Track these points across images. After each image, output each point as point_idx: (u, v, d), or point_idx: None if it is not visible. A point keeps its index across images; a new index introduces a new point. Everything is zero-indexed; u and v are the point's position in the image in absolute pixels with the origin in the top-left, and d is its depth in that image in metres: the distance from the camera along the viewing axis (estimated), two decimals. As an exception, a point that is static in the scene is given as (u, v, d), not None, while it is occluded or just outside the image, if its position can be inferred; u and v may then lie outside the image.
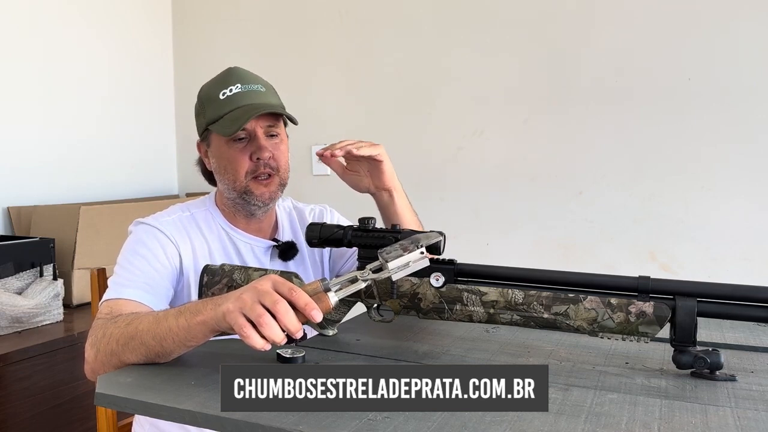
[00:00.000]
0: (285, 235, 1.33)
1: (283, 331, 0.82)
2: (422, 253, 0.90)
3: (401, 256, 0.88)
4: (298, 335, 0.83)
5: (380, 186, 1.26)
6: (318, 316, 0.83)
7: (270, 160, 1.22)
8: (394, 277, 0.89)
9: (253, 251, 1.28)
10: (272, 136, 1.24)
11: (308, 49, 2.48)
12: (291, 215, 1.38)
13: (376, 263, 0.90)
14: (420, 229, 1.11)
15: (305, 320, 0.83)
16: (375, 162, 1.24)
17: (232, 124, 1.18)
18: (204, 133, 1.27)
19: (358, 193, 1.30)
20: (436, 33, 2.26)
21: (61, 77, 2.29)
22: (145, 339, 0.93)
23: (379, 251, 0.91)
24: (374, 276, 0.89)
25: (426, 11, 2.27)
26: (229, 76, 1.25)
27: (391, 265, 0.88)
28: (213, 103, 1.23)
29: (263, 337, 0.82)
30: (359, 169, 1.27)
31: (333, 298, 0.86)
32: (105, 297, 1.12)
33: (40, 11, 2.22)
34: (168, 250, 1.19)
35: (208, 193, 1.36)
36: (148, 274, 1.14)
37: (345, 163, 1.29)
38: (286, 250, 1.29)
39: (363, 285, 0.89)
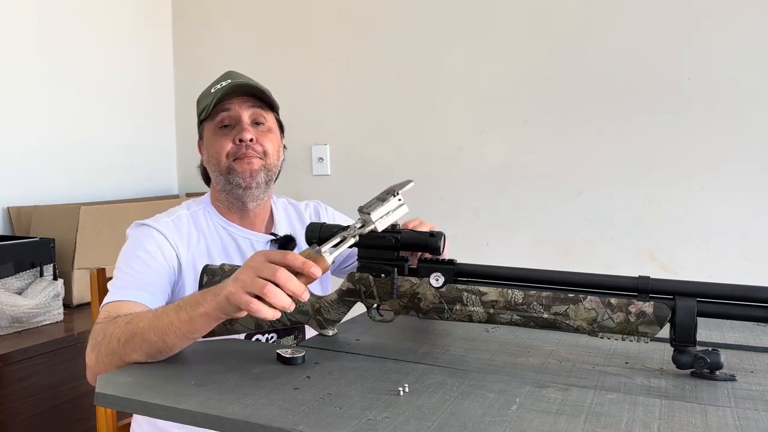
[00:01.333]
0: (282, 230, 1.35)
1: (290, 298, 0.84)
2: (400, 200, 0.95)
3: (381, 206, 0.94)
4: (305, 297, 0.84)
5: None
6: (317, 272, 0.85)
7: (254, 144, 1.25)
8: (379, 228, 0.93)
9: (253, 246, 1.30)
10: (259, 124, 1.28)
11: (308, 48, 2.48)
12: (287, 210, 1.40)
13: (359, 220, 0.94)
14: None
15: (307, 282, 0.85)
16: None
17: (214, 103, 1.24)
18: (200, 128, 1.32)
19: (358, 192, 1.30)
20: (435, 32, 2.26)
21: (61, 77, 2.29)
22: (147, 335, 0.94)
23: (358, 208, 0.94)
24: (360, 230, 0.93)
25: (426, 10, 2.27)
26: (224, 76, 1.31)
27: (374, 216, 0.93)
28: (205, 97, 1.29)
29: (272, 306, 0.83)
30: None
31: (328, 257, 0.88)
32: (105, 300, 1.12)
33: (40, 12, 2.22)
34: (165, 251, 1.20)
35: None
36: (146, 275, 1.15)
37: None
38: (285, 243, 1.31)
39: (352, 240, 0.93)
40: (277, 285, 0.82)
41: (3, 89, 2.11)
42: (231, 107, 1.25)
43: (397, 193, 0.95)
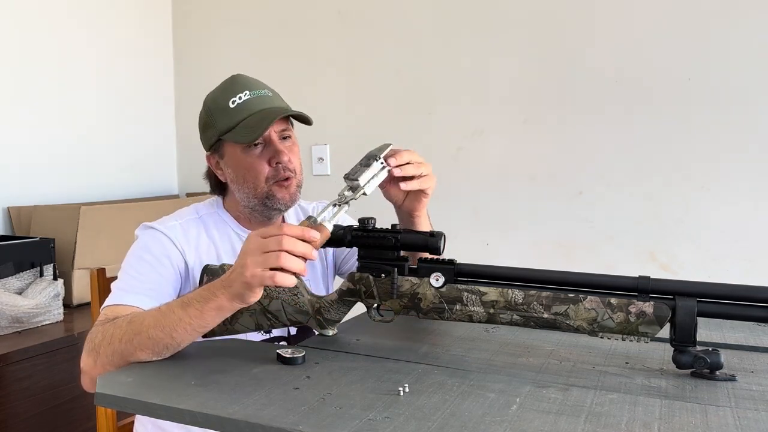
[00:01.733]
0: None
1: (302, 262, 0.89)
2: (382, 164, 1.03)
3: (366, 171, 1.00)
4: (315, 255, 0.90)
5: (411, 209, 1.15)
6: (316, 236, 0.90)
7: (289, 163, 1.22)
8: (367, 191, 1.00)
9: None
10: (285, 138, 1.24)
11: (308, 48, 2.48)
12: (297, 213, 1.39)
13: (346, 187, 0.99)
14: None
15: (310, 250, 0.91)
16: (421, 192, 1.13)
17: (251, 132, 1.18)
18: (215, 144, 1.25)
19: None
20: (436, 33, 2.26)
21: (61, 77, 2.29)
22: (153, 333, 0.94)
23: (344, 176, 1.00)
24: (352, 197, 0.99)
25: (426, 11, 2.27)
26: (235, 83, 1.25)
27: (362, 180, 0.99)
28: (223, 112, 1.22)
29: (291, 272, 0.87)
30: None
31: (328, 225, 0.94)
32: (107, 302, 1.11)
33: (40, 12, 2.22)
34: (173, 256, 1.19)
35: (210, 193, 1.36)
36: (152, 280, 1.14)
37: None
38: None
39: (347, 207, 0.99)
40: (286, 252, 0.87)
41: (3, 90, 2.11)
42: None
43: (380, 158, 1.02)
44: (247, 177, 1.22)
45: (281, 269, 0.86)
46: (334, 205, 0.99)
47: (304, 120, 1.26)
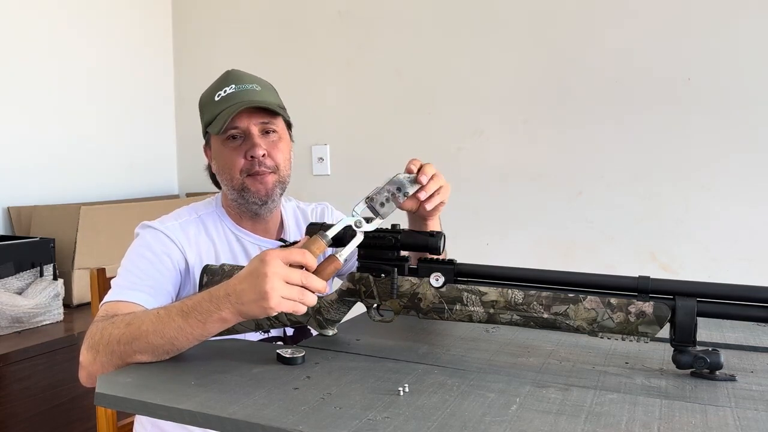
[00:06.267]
0: (291, 235, 1.34)
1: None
2: (405, 194, 1.04)
3: (393, 208, 1.02)
4: (327, 290, 0.94)
5: (426, 215, 1.15)
6: (332, 272, 0.95)
7: (265, 159, 1.22)
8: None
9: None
10: (269, 132, 1.24)
11: (308, 48, 2.48)
12: (296, 215, 1.39)
13: (358, 202, 0.99)
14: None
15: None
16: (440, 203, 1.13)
17: (220, 122, 1.20)
18: (206, 136, 1.29)
19: (358, 192, 1.29)
20: (436, 32, 2.26)
21: (61, 77, 2.29)
22: (152, 339, 0.93)
23: (366, 198, 1.00)
24: (368, 228, 0.99)
25: (426, 11, 2.27)
26: (226, 78, 1.27)
27: (384, 216, 1.01)
28: (209, 105, 1.25)
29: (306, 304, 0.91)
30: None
31: (341, 259, 0.96)
32: (106, 299, 1.11)
33: (41, 11, 2.22)
34: (173, 255, 1.19)
35: (209, 192, 1.37)
36: (152, 277, 1.14)
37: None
38: None
39: (361, 237, 0.99)
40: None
41: (3, 90, 2.11)
42: (239, 124, 1.21)
43: (408, 194, 1.03)
44: (225, 169, 1.24)
45: (303, 302, 0.89)
46: (352, 228, 0.99)
47: (281, 115, 1.26)
